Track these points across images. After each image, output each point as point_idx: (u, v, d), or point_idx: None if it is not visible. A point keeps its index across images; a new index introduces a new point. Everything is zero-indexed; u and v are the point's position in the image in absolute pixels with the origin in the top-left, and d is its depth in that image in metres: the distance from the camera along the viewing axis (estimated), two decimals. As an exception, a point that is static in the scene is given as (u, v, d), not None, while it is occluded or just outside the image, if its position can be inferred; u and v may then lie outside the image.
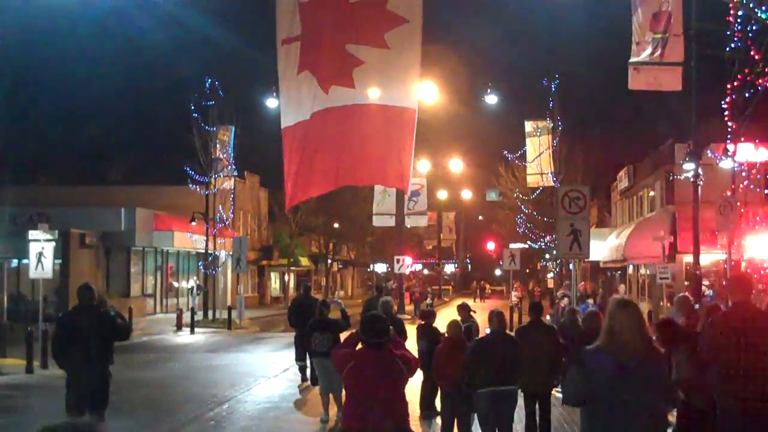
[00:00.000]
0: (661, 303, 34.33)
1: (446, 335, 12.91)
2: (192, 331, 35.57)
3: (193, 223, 43.52)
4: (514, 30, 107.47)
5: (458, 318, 14.48)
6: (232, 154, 44.83)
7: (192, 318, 36.31)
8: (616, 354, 6.10)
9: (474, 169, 78.18)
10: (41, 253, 23.42)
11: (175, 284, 50.66)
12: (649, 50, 20.73)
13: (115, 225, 42.34)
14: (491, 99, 40.57)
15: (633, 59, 21.02)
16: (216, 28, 69.90)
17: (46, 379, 20.22)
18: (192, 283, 48.08)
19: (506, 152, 52.46)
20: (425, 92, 40.68)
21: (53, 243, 24.15)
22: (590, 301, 28.31)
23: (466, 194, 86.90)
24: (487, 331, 12.05)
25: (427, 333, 15.32)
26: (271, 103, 37.44)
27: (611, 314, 6.34)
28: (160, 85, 72.57)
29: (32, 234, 23.84)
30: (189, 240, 46.24)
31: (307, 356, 18.22)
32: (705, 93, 21.83)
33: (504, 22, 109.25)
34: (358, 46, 9.68)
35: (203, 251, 43.94)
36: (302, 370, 20.00)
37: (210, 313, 42.29)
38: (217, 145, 43.91)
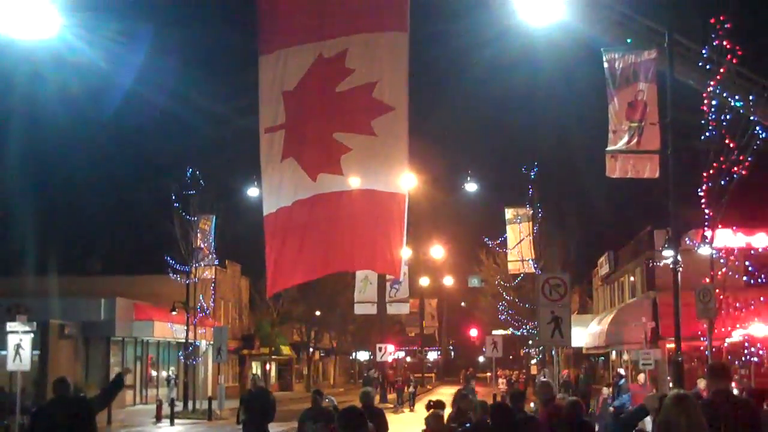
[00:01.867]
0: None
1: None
2: (171, 423, 35.01)
3: (174, 313, 43.19)
4: (493, 118, 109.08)
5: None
6: (213, 243, 44.77)
7: (171, 409, 35.76)
8: None
9: (455, 256, 78.50)
10: (19, 344, 23.14)
11: (154, 374, 50.00)
12: (625, 138, 21.05)
13: (94, 315, 41.97)
14: (471, 187, 40.93)
15: (610, 147, 21.32)
16: (197, 117, 70.53)
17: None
18: (168, 373, 47.52)
19: (487, 239, 52.74)
20: (406, 180, 40.93)
21: (31, 335, 23.89)
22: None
23: (448, 281, 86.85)
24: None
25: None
26: (252, 192, 37.56)
27: (668, 410, 6.17)
28: (140, 174, 72.83)
29: (10, 326, 23.59)
30: (169, 330, 45.81)
31: None
32: (682, 180, 22.09)
33: (483, 110, 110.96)
34: (346, 133, 9.77)
35: (183, 341, 43.52)
36: None
37: (190, 403, 41.68)
38: (198, 234, 43.85)
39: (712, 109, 22.34)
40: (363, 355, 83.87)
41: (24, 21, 15.17)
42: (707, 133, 22.39)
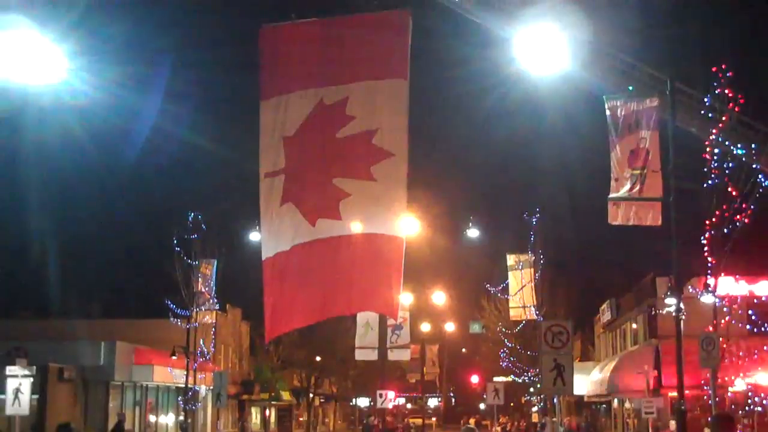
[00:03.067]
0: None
1: None
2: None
3: (174, 357, 42.90)
4: (496, 164, 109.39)
5: None
6: (214, 288, 44.60)
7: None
8: None
9: (457, 302, 78.02)
10: (18, 388, 22.94)
11: (153, 419, 49.54)
12: (627, 186, 21.00)
13: (94, 359, 41.72)
14: (472, 233, 40.83)
15: (612, 195, 21.26)
16: (201, 161, 70.74)
17: None
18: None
19: (489, 285, 52.51)
20: (407, 225, 40.89)
21: (31, 379, 23.69)
22: None
23: (450, 326, 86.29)
24: None
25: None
26: (254, 236, 37.39)
27: None
28: (142, 218, 72.80)
29: (10, 369, 23.40)
30: (169, 374, 45.52)
31: None
32: (684, 227, 22.02)
33: (486, 156, 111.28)
34: (345, 179, 9.79)
35: (183, 386, 43.18)
36: None
37: (189, 449, 41.30)
38: (199, 279, 43.70)
39: (715, 157, 22.32)
40: (363, 401, 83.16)
41: (29, 65, 15.20)
42: (710, 181, 22.36)
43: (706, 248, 22.90)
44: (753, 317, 29.32)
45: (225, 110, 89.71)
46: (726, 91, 22.38)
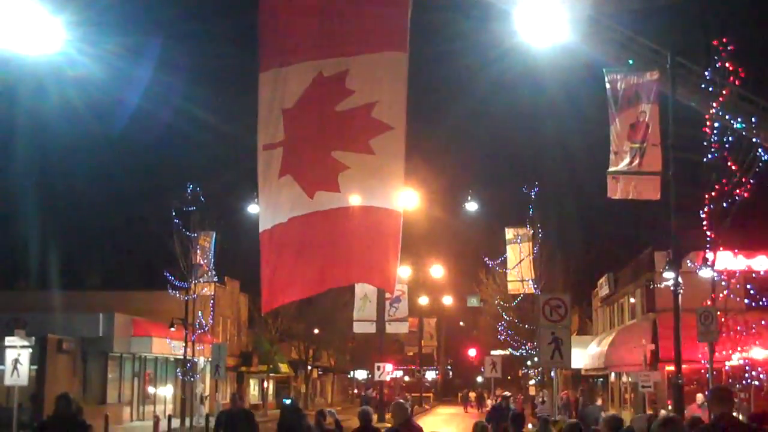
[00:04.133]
0: (644, 411, 33.93)
1: None
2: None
3: (173, 329, 43.05)
4: (495, 137, 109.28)
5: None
6: (212, 260, 44.67)
7: (169, 425, 35.57)
8: None
9: (455, 275, 78.44)
10: (17, 359, 23.05)
11: (152, 390, 49.77)
12: (627, 160, 21.02)
13: (93, 330, 41.83)
14: (471, 206, 40.90)
15: (611, 168, 21.28)
16: (201, 134, 70.62)
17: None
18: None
19: (487, 259, 52.61)
20: (406, 198, 40.96)
21: (29, 350, 23.78)
22: None
23: (447, 300, 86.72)
24: None
25: None
26: (253, 209, 37.50)
27: None
28: (141, 190, 72.85)
29: (9, 340, 23.49)
30: (168, 346, 45.66)
31: None
32: (683, 202, 22.03)
33: (485, 129, 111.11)
34: (344, 152, 9.76)
35: (182, 357, 43.34)
36: None
37: (187, 420, 41.48)
38: (198, 251, 43.75)
39: (714, 131, 22.28)
40: (361, 374, 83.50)
41: (27, 36, 15.14)
42: (709, 155, 22.34)
43: (704, 222, 22.92)
44: (751, 292, 29.39)
45: (224, 82, 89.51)
46: (726, 65, 22.31)
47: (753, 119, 22.55)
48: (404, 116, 9.67)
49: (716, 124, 22.34)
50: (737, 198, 22.40)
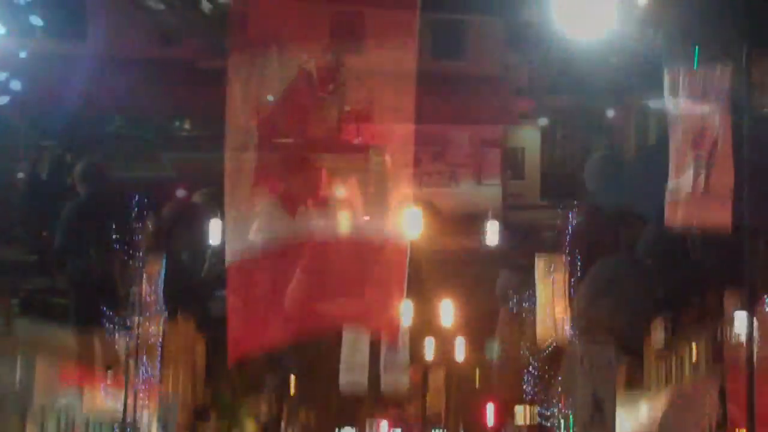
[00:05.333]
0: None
1: None
2: None
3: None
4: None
5: None
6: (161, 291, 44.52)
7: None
8: None
9: (469, 316, 78.12)
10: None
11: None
12: (690, 173, 21.00)
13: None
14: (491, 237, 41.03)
15: (670, 183, 21.29)
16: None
17: None
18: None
19: (511, 294, 52.53)
20: (412, 221, 41.03)
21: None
22: None
23: (460, 345, 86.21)
24: None
25: None
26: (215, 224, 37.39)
27: None
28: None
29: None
30: (103, 399, 45.43)
31: None
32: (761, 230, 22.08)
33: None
34: (336, 158, 9.81)
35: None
36: None
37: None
38: (144, 280, 43.57)
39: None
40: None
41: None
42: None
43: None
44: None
45: (183, 72, 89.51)
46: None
47: None
48: (412, 112, 9.65)
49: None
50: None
